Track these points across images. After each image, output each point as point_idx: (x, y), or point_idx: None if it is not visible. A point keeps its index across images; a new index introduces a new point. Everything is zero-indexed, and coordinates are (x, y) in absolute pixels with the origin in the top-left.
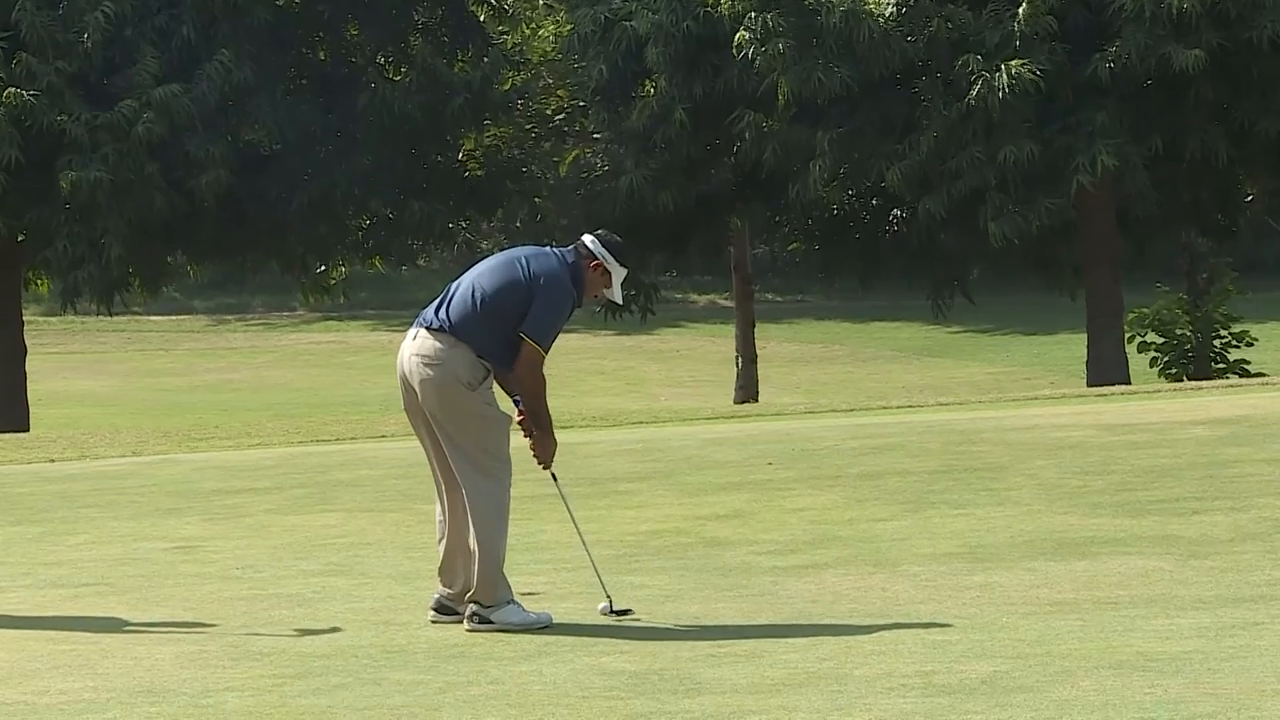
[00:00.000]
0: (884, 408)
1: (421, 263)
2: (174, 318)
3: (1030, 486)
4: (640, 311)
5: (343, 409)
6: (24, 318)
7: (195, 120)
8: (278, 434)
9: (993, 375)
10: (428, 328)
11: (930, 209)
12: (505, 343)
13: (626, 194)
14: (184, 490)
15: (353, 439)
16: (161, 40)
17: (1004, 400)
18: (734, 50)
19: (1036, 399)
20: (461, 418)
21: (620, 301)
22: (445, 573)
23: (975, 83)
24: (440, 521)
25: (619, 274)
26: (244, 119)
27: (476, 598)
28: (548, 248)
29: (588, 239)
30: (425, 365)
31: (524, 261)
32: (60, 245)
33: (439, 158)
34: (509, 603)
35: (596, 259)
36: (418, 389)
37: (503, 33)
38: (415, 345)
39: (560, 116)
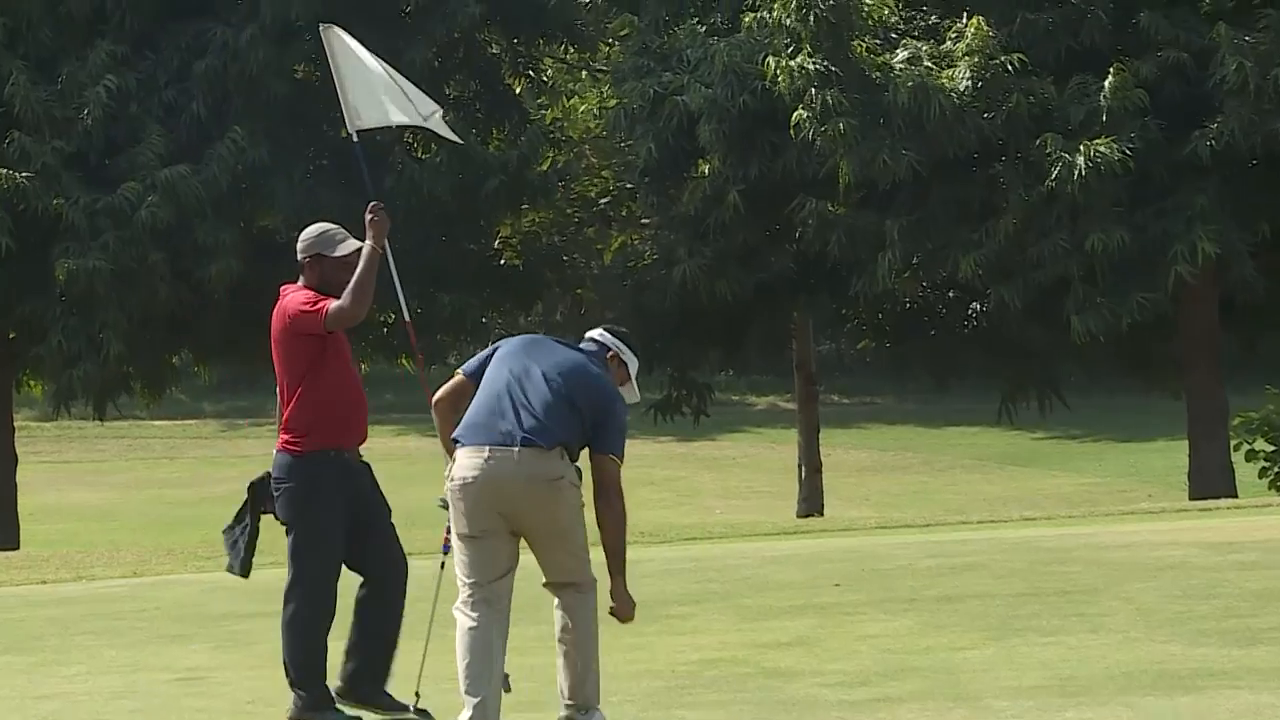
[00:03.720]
0: (963, 523)
1: (452, 360)
2: (180, 422)
3: (1127, 612)
4: (693, 414)
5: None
6: (15, 423)
7: (204, 204)
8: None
9: (1084, 487)
10: (531, 445)
11: (1007, 300)
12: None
13: (679, 284)
14: (190, 615)
15: None
16: (169, 117)
17: (1097, 515)
18: (791, 130)
19: (1133, 513)
20: (581, 527)
21: (638, 398)
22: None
23: (1056, 164)
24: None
25: (633, 365)
26: (258, 203)
27: (588, 700)
28: (559, 342)
29: (595, 332)
30: (550, 485)
31: (586, 362)
32: (54, 341)
33: (471, 245)
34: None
35: (611, 349)
36: (532, 510)
37: (542, 107)
38: (525, 467)
39: (605, 200)
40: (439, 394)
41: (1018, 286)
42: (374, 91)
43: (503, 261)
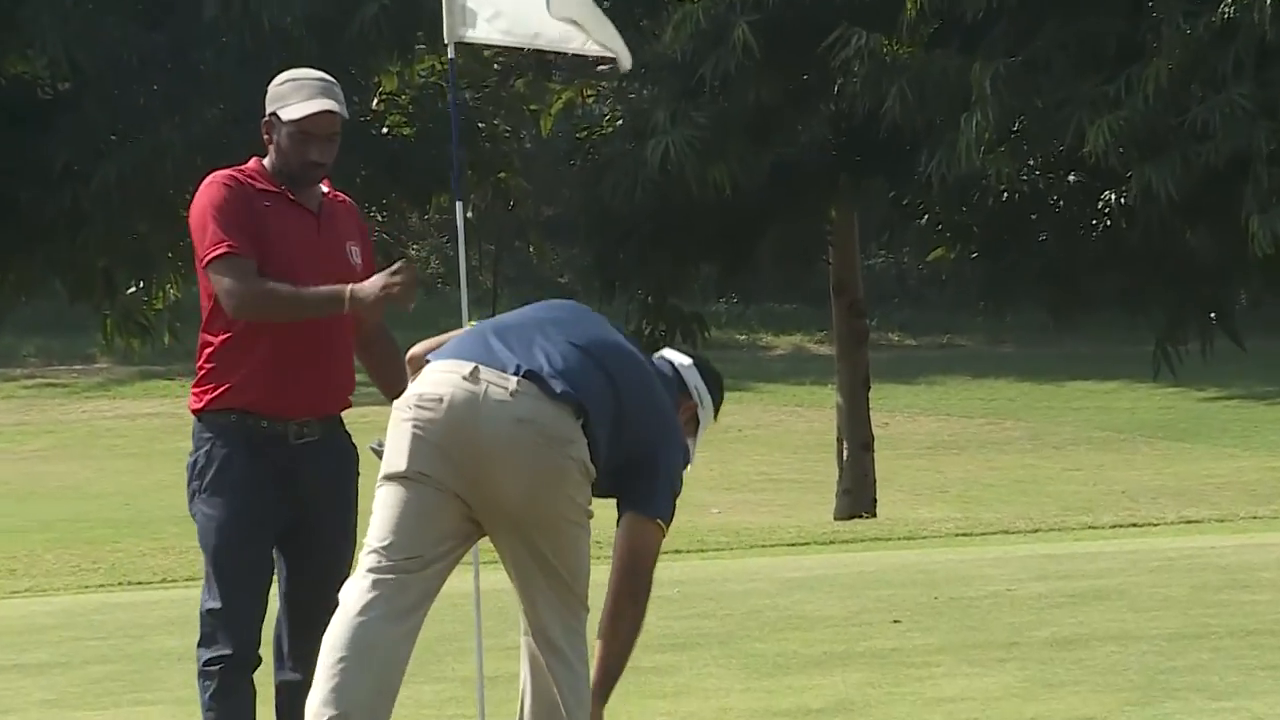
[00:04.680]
0: (1089, 527)
1: None
2: None
3: None
4: None
5: (172, 528)
6: None
7: None
8: (63, 572)
9: (1274, 472)
10: (538, 381)
11: (1155, 188)
12: (613, 485)
13: (656, 166)
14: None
15: (190, 580)
16: None
17: None
18: None
19: None
20: (570, 530)
21: (693, 462)
22: None
23: None
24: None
25: (706, 422)
26: (9, 36)
27: None
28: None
29: (684, 363)
30: (552, 448)
31: (653, 375)
32: None
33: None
34: None
35: (692, 400)
36: (515, 477)
37: None
38: (521, 406)
39: None
40: (416, 347)
41: (1171, 168)
42: None
43: (386, 131)
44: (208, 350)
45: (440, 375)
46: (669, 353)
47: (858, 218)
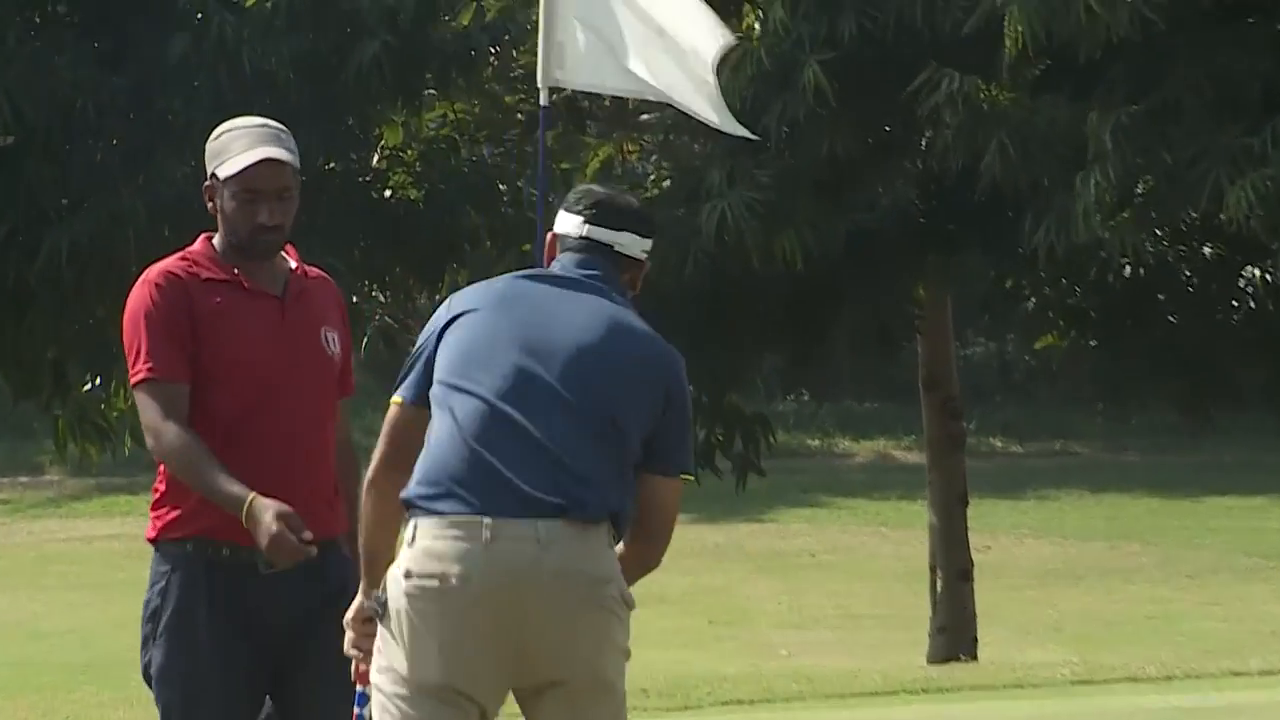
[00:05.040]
0: (1233, 673)
1: None
2: None
3: None
4: (738, 472)
5: (137, 675)
6: None
7: None
8: None
9: None
10: (563, 512)
11: None
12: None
13: (711, 235)
14: None
15: None
16: None
17: None
18: None
19: None
20: (618, 676)
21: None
22: None
23: None
24: None
25: (642, 251)
26: None
27: None
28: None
29: (571, 227)
30: (596, 593)
31: (629, 317)
32: None
33: (331, 164)
34: None
35: (631, 259)
36: (561, 641)
37: None
38: (556, 555)
39: None
40: (374, 466)
41: None
42: (611, 34)
43: (389, 193)
44: (162, 466)
45: (449, 545)
46: (565, 225)
47: (951, 298)
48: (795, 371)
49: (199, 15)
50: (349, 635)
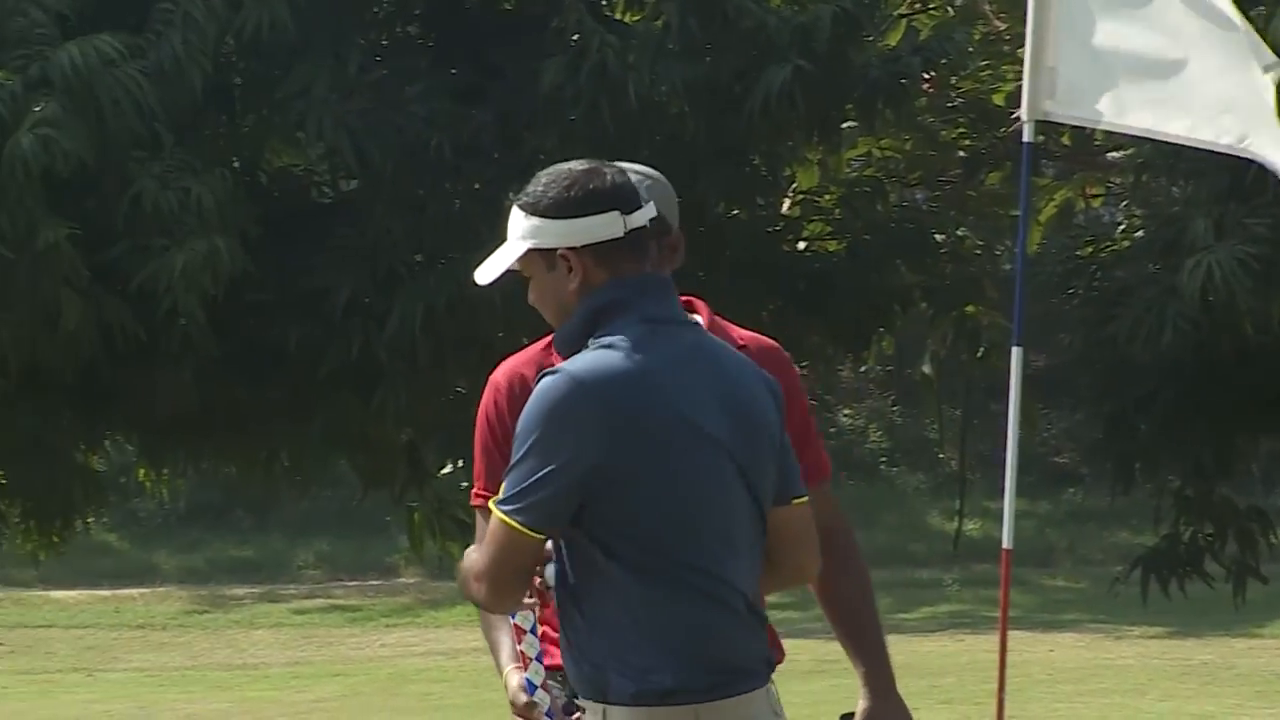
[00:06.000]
0: None
1: None
2: (104, 593)
3: None
4: (1232, 578)
5: None
6: None
7: (156, 121)
8: None
9: None
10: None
11: None
12: None
13: (1195, 298)
14: None
15: None
16: None
17: None
18: None
19: None
20: None
21: None
22: None
23: None
24: None
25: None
26: (273, 115)
27: None
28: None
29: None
30: None
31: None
32: None
33: (733, 211)
34: None
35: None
36: None
37: None
38: None
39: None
40: (483, 597)
41: None
42: (1119, 57)
43: (803, 245)
44: None
45: None
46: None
47: None
48: None
49: (575, 36)
50: None
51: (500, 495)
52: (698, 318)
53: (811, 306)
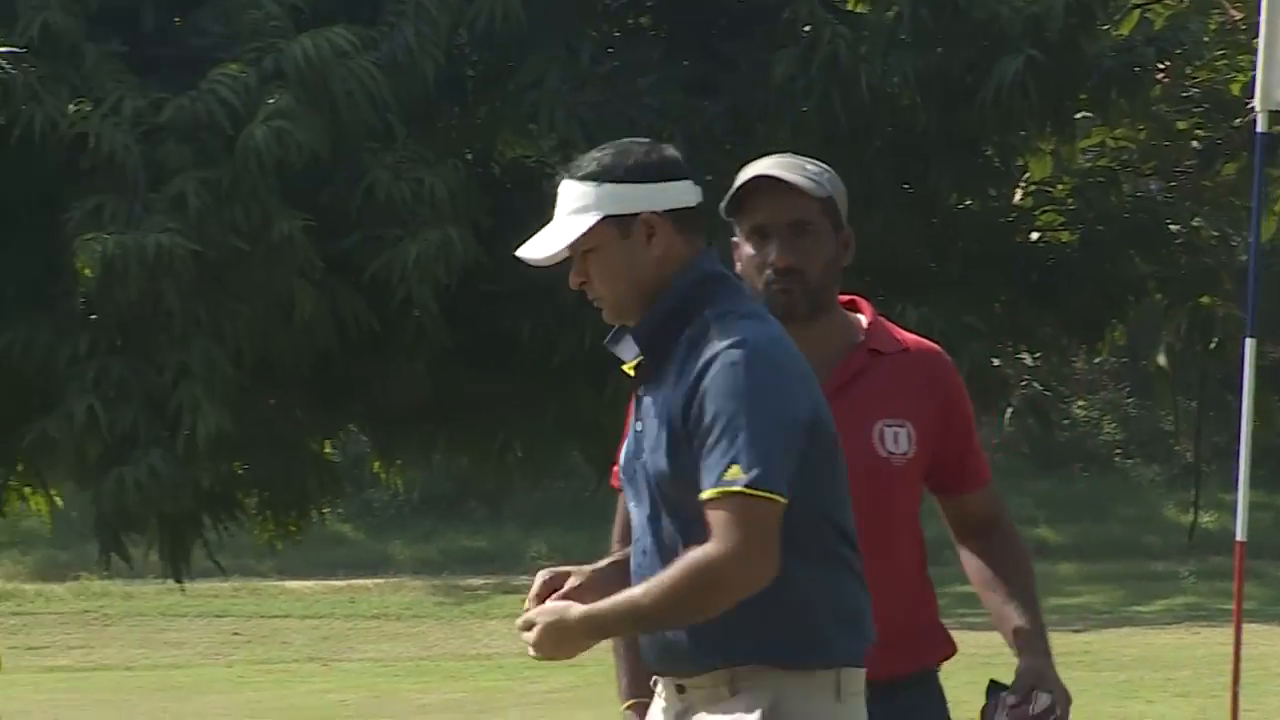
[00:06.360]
0: None
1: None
2: (338, 583)
3: None
4: None
5: None
6: None
7: (388, 114)
8: None
9: None
10: None
11: None
12: None
13: None
14: None
15: None
16: None
17: None
18: None
19: None
20: None
21: None
22: None
23: None
24: None
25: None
26: (505, 107)
27: None
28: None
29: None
30: None
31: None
32: (77, 408)
33: (965, 202)
34: None
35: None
36: None
37: None
38: None
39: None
40: (762, 576)
41: None
42: None
43: (1036, 236)
44: None
45: None
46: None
47: None
48: None
49: (806, 27)
50: None
51: (736, 476)
52: (862, 317)
53: (1044, 297)
